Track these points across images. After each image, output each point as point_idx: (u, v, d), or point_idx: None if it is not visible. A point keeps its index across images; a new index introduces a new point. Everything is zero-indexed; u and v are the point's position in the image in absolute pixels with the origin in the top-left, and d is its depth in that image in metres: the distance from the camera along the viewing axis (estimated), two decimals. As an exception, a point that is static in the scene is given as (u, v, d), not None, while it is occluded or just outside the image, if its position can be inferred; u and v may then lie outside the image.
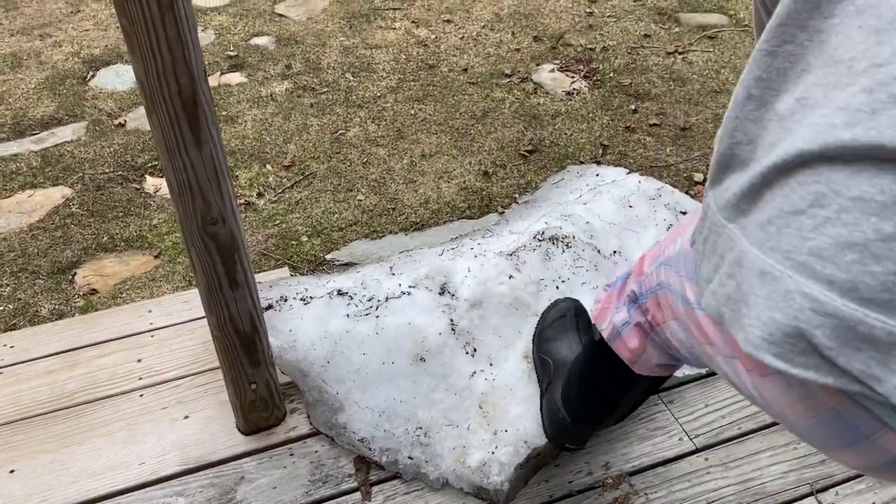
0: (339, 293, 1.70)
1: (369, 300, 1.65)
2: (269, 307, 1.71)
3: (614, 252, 1.72)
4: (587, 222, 1.77)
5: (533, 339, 1.60)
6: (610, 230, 1.76)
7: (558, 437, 1.42)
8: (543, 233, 1.74)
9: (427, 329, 1.57)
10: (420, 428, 1.52)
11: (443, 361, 1.55)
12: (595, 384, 1.29)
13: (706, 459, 1.59)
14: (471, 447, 1.48)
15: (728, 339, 0.75)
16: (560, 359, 1.50)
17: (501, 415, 1.50)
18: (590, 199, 1.88)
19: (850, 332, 0.56)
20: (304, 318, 1.65)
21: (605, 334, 1.21)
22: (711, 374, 1.76)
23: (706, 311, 0.74)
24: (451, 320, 1.59)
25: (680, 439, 1.62)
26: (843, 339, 0.56)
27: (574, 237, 1.72)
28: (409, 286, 1.67)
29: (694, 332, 0.88)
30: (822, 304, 0.57)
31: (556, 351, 1.51)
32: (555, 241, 1.72)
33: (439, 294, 1.64)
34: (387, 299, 1.65)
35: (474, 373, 1.55)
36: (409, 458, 1.52)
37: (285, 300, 1.71)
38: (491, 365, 1.56)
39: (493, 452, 1.46)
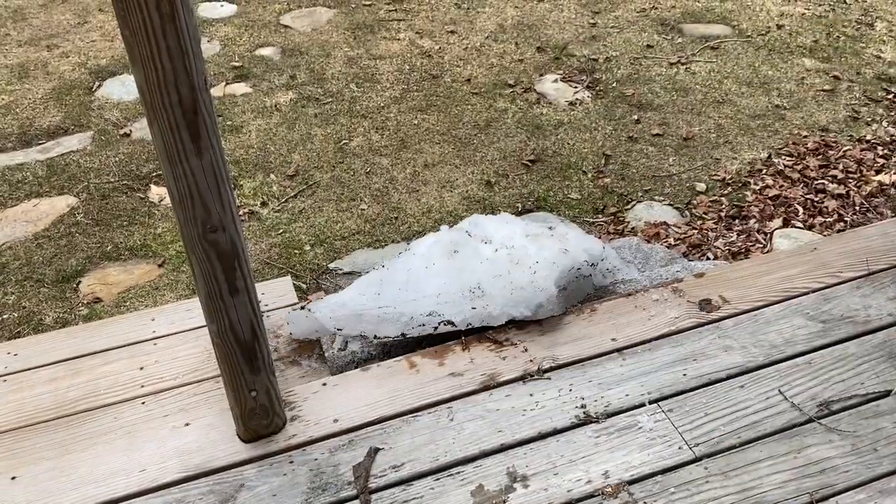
0: (367, 272, 2.11)
1: (399, 254, 2.09)
2: (308, 301, 2.07)
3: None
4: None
5: None
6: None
7: None
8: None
9: (448, 238, 2.04)
10: (473, 288, 1.91)
11: (471, 247, 2.01)
12: None
13: (706, 468, 1.59)
14: (516, 280, 1.91)
15: None
16: None
17: (527, 258, 1.96)
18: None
19: None
20: (346, 291, 1.99)
21: None
22: (710, 382, 1.76)
23: None
24: (467, 232, 2.09)
25: (680, 448, 1.62)
26: None
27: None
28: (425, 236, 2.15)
29: None
30: None
31: None
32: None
33: (448, 229, 2.13)
34: (408, 242, 2.13)
35: (496, 249, 2.02)
36: (473, 308, 1.87)
37: (325, 292, 2.14)
38: (505, 245, 2.02)
39: (534, 273, 1.93)
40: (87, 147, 3.40)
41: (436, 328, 1.86)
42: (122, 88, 3.84)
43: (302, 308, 1.97)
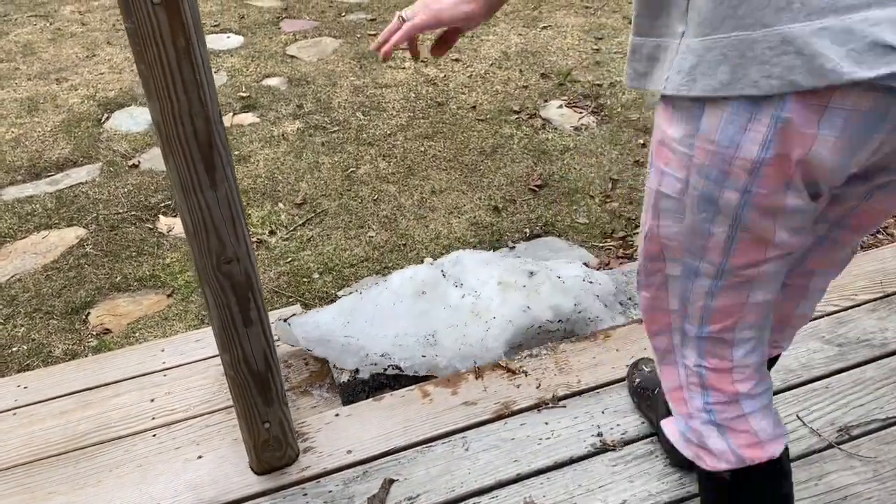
0: (350, 293, 2.18)
1: (375, 284, 2.12)
2: (293, 315, 2.06)
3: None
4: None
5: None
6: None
7: None
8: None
9: (423, 275, 2.05)
10: (429, 335, 1.92)
11: (439, 292, 2.02)
12: None
13: (726, 496, 1.56)
14: (469, 335, 1.93)
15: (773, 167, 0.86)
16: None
17: (487, 312, 1.97)
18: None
19: None
20: (324, 312, 2.03)
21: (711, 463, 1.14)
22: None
23: (767, 91, 0.81)
24: (442, 271, 2.09)
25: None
26: None
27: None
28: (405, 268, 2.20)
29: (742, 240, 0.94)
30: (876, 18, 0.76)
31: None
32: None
33: (430, 264, 2.17)
34: (379, 276, 2.21)
35: (463, 296, 2.02)
36: (423, 356, 1.89)
37: (306, 309, 2.13)
38: (475, 291, 2.03)
39: (487, 331, 1.93)
40: (96, 178, 3.41)
41: (385, 370, 1.90)
42: (131, 120, 3.86)
43: (285, 321, 2.04)
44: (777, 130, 0.83)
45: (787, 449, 1.15)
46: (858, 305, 2.00)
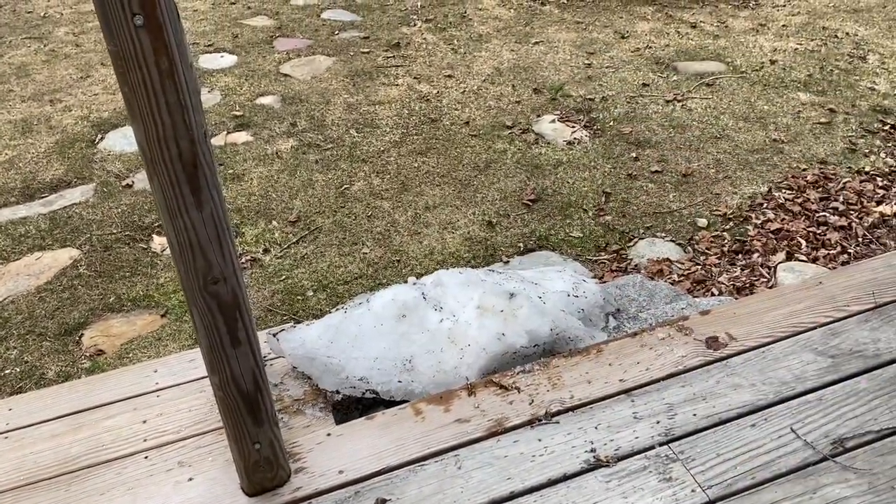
0: (337, 309, 2.15)
1: (360, 304, 2.14)
2: (282, 330, 2.06)
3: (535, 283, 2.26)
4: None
5: None
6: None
7: None
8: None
9: (405, 297, 2.06)
10: (406, 360, 1.94)
11: (419, 315, 2.02)
12: None
13: (721, 511, 1.55)
14: (444, 361, 1.94)
15: None
16: None
17: (463, 338, 1.98)
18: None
19: None
20: (311, 328, 2.04)
21: None
22: (721, 422, 1.73)
23: None
24: (423, 294, 2.09)
25: (693, 491, 1.59)
26: None
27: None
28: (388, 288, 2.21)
29: None
30: None
31: None
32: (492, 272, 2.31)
33: (412, 285, 2.16)
34: (373, 292, 2.21)
35: (442, 320, 2.02)
36: (399, 381, 1.90)
37: (296, 324, 2.11)
38: (453, 315, 2.03)
39: (461, 358, 1.94)
40: (90, 199, 3.41)
41: (363, 394, 1.91)
42: (125, 140, 3.87)
43: (274, 335, 2.05)
44: None
45: None
46: (851, 316, 1.99)
